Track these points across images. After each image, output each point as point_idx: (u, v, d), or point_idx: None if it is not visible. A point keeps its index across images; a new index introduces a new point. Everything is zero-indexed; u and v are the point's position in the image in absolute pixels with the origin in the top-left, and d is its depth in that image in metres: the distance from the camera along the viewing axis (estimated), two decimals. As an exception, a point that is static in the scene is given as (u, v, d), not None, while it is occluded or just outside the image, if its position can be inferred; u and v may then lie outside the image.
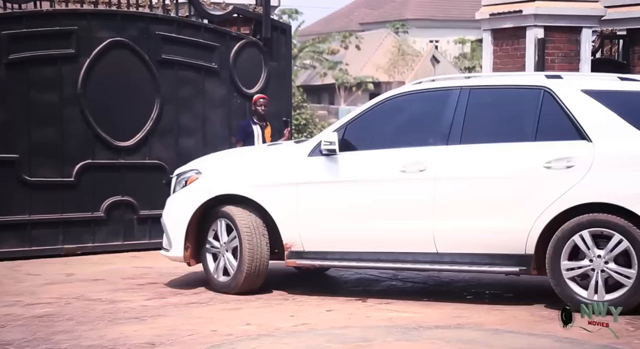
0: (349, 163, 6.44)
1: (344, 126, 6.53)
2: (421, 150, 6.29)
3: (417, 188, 6.23)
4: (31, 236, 8.60)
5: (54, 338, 5.38)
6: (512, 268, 6.06)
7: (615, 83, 6.29)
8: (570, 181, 5.87)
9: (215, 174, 6.91)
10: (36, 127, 8.64)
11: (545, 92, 6.12)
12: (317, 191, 6.49)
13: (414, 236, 6.26)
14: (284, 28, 10.30)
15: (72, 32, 8.76)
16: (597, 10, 10.31)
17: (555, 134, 6.05)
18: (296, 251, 6.57)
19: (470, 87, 6.41)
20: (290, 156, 6.75)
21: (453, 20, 45.21)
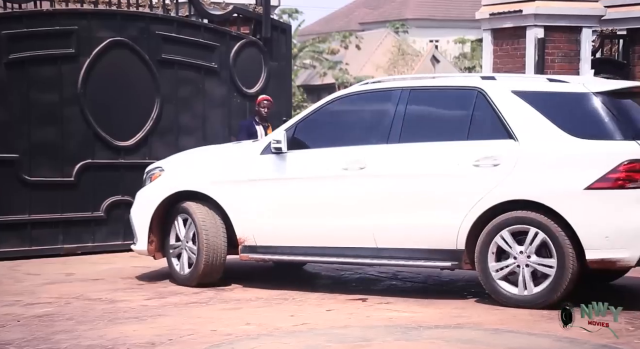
0: (296, 161, 6.73)
1: (294, 125, 6.84)
2: (362, 148, 6.56)
3: (358, 185, 6.49)
4: (31, 235, 8.61)
5: (53, 338, 5.38)
6: (445, 262, 6.32)
7: (543, 84, 6.49)
8: (495, 179, 6.11)
9: (176, 171, 7.25)
10: (36, 127, 8.64)
11: (478, 93, 6.35)
12: (267, 187, 6.80)
13: (355, 232, 6.51)
14: (284, 28, 10.31)
15: (72, 32, 8.76)
16: (597, 10, 10.31)
17: (486, 133, 6.27)
18: (249, 246, 6.87)
19: (410, 88, 6.66)
20: (244, 154, 7.06)
21: (453, 20, 45.21)
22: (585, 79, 7.27)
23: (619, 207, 5.87)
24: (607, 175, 5.87)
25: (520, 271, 6.06)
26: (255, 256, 6.92)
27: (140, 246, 7.24)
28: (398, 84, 6.86)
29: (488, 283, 6.17)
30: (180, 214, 7.01)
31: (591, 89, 6.16)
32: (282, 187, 6.76)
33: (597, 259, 5.93)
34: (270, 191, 6.78)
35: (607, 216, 5.88)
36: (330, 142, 6.76)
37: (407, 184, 6.38)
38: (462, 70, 37.40)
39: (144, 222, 7.15)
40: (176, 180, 7.14)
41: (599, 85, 6.32)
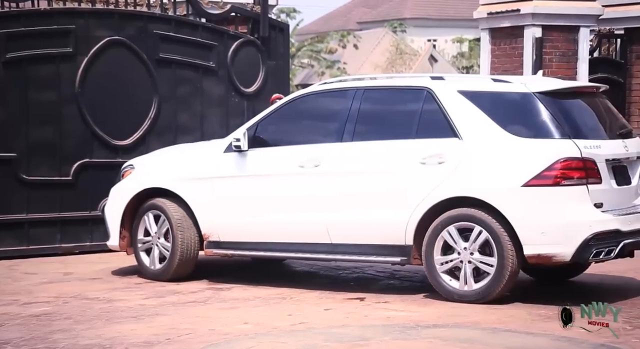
0: (256, 159, 6.91)
1: (255, 124, 7.02)
2: (318, 147, 6.74)
3: (312, 182, 6.67)
4: (29, 235, 8.60)
5: (51, 337, 5.38)
6: (395, 257, 6.48)
7: (488, 84, 6.64)
8: (440, 176, 6.28)
9: (145, 169, 7.48)
10: (34, 126, 8.63)
11: (427, 93, 6.52)
12: (229, 184, 6.98)
13: (311, 228, 6.68)
14: (282, 27, 10.30)
15: (70, 31, 8.75)
16: (595, 10, 10.31)
17: (434, 131, 6.43)
18: (214, 241, 7.07)
19: (364, 87, 6.84)
20: (209, 152, 7.26)
21: (451, 19, 45.23)
22: (529, 78, 7.43)
23: (555, 204, 6.04)
24: (542, 172, 6.04)
25: (463, 266, 6.22)
26: (219, 252, 7.09)
27: (113, 242, 7.45)
28: (353, 84, 7.02)
29: (432, 276, 6.34)
30: (151, 210, 7.20)
31: (532, 89, 6.33)
32: (242, 184, 6.94)
33: (535, 255, 6.09)
34: (231, 188, 6.97)
35: (543, 212, 6.04)
36: (290, 141, 6.95)
37: (358, 182, 6.55)
38: (460, 69, 37.43)
39: (116, 218, 7.36)
40: (145, 177, 7.35)
41: (541, 85, 6.47)
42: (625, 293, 6.64)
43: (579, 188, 6.07)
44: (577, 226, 6.01)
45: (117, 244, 7.42)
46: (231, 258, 7.49)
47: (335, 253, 6.71)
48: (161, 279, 7.17)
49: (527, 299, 6.38)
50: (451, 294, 6.28)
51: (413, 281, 7.39)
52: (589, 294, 6.60)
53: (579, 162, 6.07)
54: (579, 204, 6.05)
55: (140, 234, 7.31)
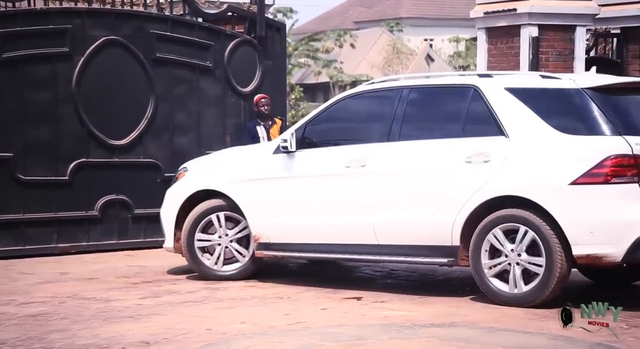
0: (304, 160, 6.88)
1: (304, 125, 6.98)
2: (364, 147, 6.69)
3: (359, 182, 6.61)
4: (25, 234, 8.59)
5: (48, 337, 5.37)
6: (442, 259, 6.37)
7: (536, 80, 6.56)
8: (486, 175, 6.16)
9: (197, 171, 7.45)
10: (30, 126, 8.62)
11: (474, 91, 6.42)
12: (277, 186, 6.95)
13: (357, 228, 6.61)
14: (279, 26, 10.30)
15: (66, 31, 8.74)
16: (591, 9, 10.32)
17: (480, 130, 6.33)
18: (264, 243, 7.00)
19: (411, 87, 6.79)
20: (259, 153, 7.26)
21: (447, 18, 45.25)
22: (578, 75, 7.30)
23: (604, 202, 5.88)
24: (591, 170, 5.88)
25: (512, 269, 6.09)
26: (269, 253, 7.02)
27: (168, 244, 7.40)
28: (399, 83, 6.96)
29: (481, 279, 6.23)
30: (221, 211, 7.14)
31: (581, 85, 6.19)
32: (290, 185, 6.89)
33: (584, 255, 5.93)
34: (279, 189, 6.92)
35: (592, 211, 5.89)
36: (336, 141, 6.92)
37: (404, 181, 6.45)
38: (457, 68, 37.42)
39: (170, 220, 7.32)
40: (198, 179, 7.32)
41: (590, 81, 6.32)
42: (622, 292, 6.65)
43: (630, 186, 5.83)
44: (629, 226, 5.80)
45: (172, 246, 7.34)
46: (281, 260, 7.44)
47: (382, 254, 6.60)
48: (237, 278, 7.16)
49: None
50: (501, 298, 6.12)
51: (410, 280, 7.39)
52: (588, 294, 6.59)
53: (631, 160, 5.84)
54: (630, 202, 5.82)
55: (201, 235, 7.20)
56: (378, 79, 7.43)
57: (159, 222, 9.25)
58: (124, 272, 7.77)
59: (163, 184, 9.19)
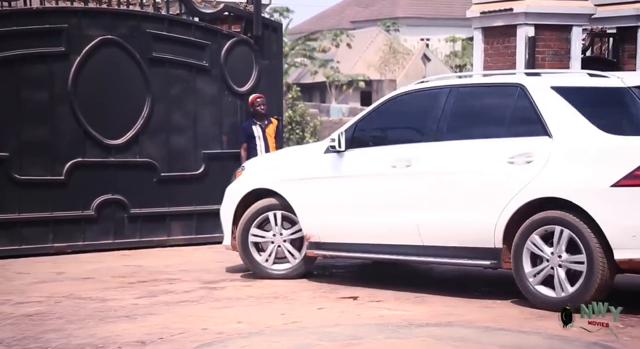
0: (352, 159, 6.86)
1: (354, 124, 6.97)
2: (410, 146, 6.64)
3: (404, 182, 6.57)
4: (21, 234, 8.58)
5: (43, 337, 5.37)
6: (485, 261, 6.27)
7: (583, 79, 6.42)
8: (528, 176, 6.04)
9: (253, 170, 7.52)
10: (26, 126, 8.61)
11: (520, 89, 6.30)
12: (326, 185, 6.96)
13: (403, 229, 6.57)
14: (275, 26, 10.29)
15: (63, 30, 8.73)
16: (587, 9, 10.33)
17: (524, 129, 6.23)
18: (315, 242, 7.00)
19: (458, 86, 6.75)
20: (310, 153, 7.30)
21: (444, 18, 45.27)
22: (625, 73, 6.86)
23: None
24: (634, 172, 5.68)
25: (555, 272, 5.91)
26: (319, 253, 7.04)
27: (226, 241, 7.44)
28: (447, 82, 6.89)
29: (525, 288, 6.04)
30: (275, 210, 7.18)
31: (628, 84, 5.97)
32: (337, 185, 6.90)
33: (626, 260, 5.73)
34: (327, 189, 6.94)
35: (635, 214, 5.67)
36: (384, 141, 6.93)
37: (447, 181, 6.39)
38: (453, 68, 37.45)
39: (228, 218, 7.38)
40: (253, 178, 7.37)
41: (638, 79, 6.08)
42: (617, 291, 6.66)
43: None
44: None
45: (229, 244, 7.40)
46: (331, 259, 7.45)
47: (427, 256, 6.55)
48: (285, 277, 7.18)
49: (519, 298, 6.39)
50: (548, 304, 5.92)
51: (406, 279, 7.39)
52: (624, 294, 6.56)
53: None
54: None
55: (257, 232, 7.22)
56: (428, 78, 7.36)
57: (154, 222, 9.28)
58: (120, 272, 7.77)
59: (159, 184, 9.22)
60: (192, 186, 9.37)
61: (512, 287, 6.69)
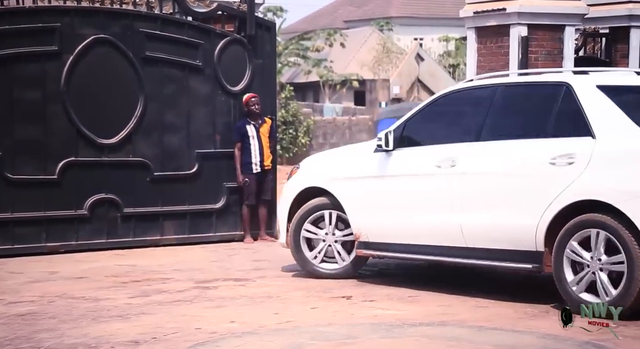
0: (398, 159, 6.83)
1: (402, 123, 6.92)
2: (454, 146, 6.56)
3: (448, 183, 6.49)
4: (14, 234, 8.55)
5: (36, 337, 5.35)
6: (527, 264, 6.10)
7: (630, 78, 6.32)
8: (568, 178, 5.89)
9: (307, 168, 7.57)
10: (19, 125, 8.59)
11: (565, 88, 6.15)
12: (373, 184, 6.94)
13: (446, 230, 6.49)
14: (269, 25, 10.28)
15: (55, 29, 8.71)
16: (580, 9, 10.35)
17: (568, 129, 6.07)
18: (364, 242, 6.98)
19: (503, 85, 6.60)
20: (360, 152, 7.27)
21: (437, 18, 45.33)
22: None
23: None
24: None
25: (597, 277, 5.74)
26: (368, 252, 7.01)
27: (282, 239, 7.46)
28: (493, 80, 6.79)
29: (570, 298, 5.84)
30: (326, 210, 7.18)
31: None
32: (384, 184, 6.88)
33: None
34: (375, 188, 6.91)
35: None
36: (431, 140, 6.83)
37: (489, 182, 6.28)
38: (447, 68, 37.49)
39: (283, 215, 7.42)
40: (306, 177, 7.41)
41: None
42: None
43: None
44: None
45: (285, 242, 7.39)
46: (381, 259, 7.41)
47: (470, 258, 6.41)
48: (333, 277, 7.17)
49: (513, 298, 6.40)
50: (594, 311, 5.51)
51: (400, 279, 7.40)
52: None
53: None
54: None
55: (312, 229, 7.25)
56: (478, 76, 7.22)
57: (147, 222, 9.27)
58: (113, 271, 7.75)
59: (152, 183, 9.20)
60: (185, 185, 9.36)
61: (503, 287, 6.71)
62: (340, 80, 36.14)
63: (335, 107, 33.51)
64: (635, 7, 11.13)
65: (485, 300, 6.38)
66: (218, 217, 9.50)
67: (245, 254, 8.81)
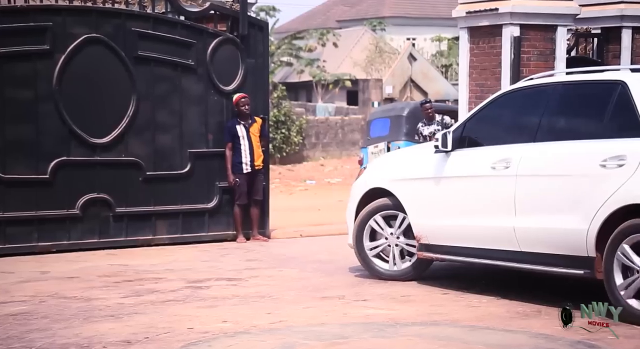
0: (456, 160, 6.72)
1: (462, 124, 6.83)
2: (509, 147, 6.41)
3: (501, 185, 6.35)
4: (5, 233, 8.53)
5: (28, 336, 5.34)
6: (578, 270, 5.92)
7: None
8: (618, 181, 5.70)
9: (372, 169, 7.57)
10: (11, 124, 8.56)
11: (621, 87, 5.94)
12: (432, 186, 6.85)
13: (500, 233, 6.35)
14: (261, 25, 10.28)
15: (47, 28, 8.68)
16: (572, 9, 10.38)
17: (621, 130, 5.91)
18: (425, 244, 6.88)
19: (559, 84, 6.44)
20: (422, 152, 7.19)
21: (430, 18, 45.39)
22: None
23: None
24: None
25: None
26: (429, 255, 6.87)
27: (349, 240, 7.36)
28: (551, 79, 6.62)
29: (615, 299, 5.66)
30: (381, 211, 7.11)
31: None
32: (442, 186, 6.78)
33: None
34: (433, 189, 6.82)
35: None
36: (487, 141, 6.70)
37: (541, 185, 6.14)
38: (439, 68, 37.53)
39: (351, 217, 7.35)
40: (371, 177, 7.34)
41: None
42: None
43: None
44: None
45: (352, 243, 7.31)
46: (442, 262, 7.24)
47: (523, 262, 6.22)
48: (402, 279, 7.06)
49: (505, 297, 6.41)
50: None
51: (392, 279, 7.39)
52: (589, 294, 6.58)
53: None
54: None
55: (366, 239, 7.20)
56: (537, 75, 6.93)
57: (140, 221, 9.24)
58: (106, 271, 7.73)
59: (145, 183, 9.19)
60: (177, 185, 9.34)
61: (496, 287, 6.71)
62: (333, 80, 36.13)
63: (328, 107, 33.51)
64: (627, 7, 11.17)
65: (477, 300, 6.39)
66: (210, 216, 9.49)
67: (238, 253, 8.80)
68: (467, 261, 6.77)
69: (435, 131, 11.30)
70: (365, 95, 33.36)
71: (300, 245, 9.52)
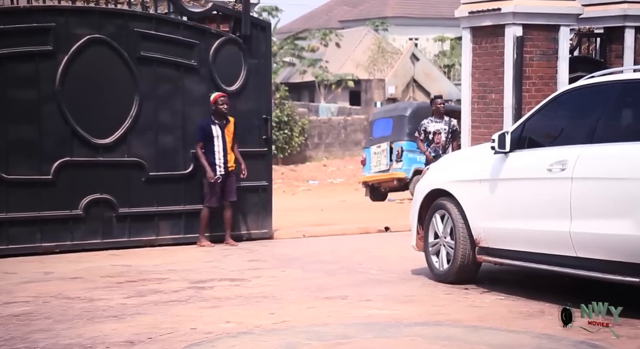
0: (513, 161, 6.54)
1: (521, 124, 6.64)
2: (566, 149, 6.20)
3: (557, 188, 6.15)
4: (8, 234, 8.54)
5: (31, 337, 5.34)
6: (633, 278, 5.67)
7: None
8: None
9: (434, 169, 7.51)
10: (14, 125, 8.57)
11: None
12: (490, 187, 6.70)
13: (557, 238, 6.15)
14: (264, 25, 10.28)
15: (50, 29, 8.70)
16: (575, 9, 10.38)
17: None
18: (484, 247, 6.73)
19: (620, 82, 6.23)
20: (481, 153, 6.99)
21: (432, 18, 45.39)
22: None
23: None
24: None
25: None
26: (488, 259, 6.71)
27: (412, 241, 7.34)
28: (612, 77, 6.36)
29: None
30: (438, 210, 7.06)
31: None
32: (499, 188, 6.62)
33: None
34: (490, 192, 6.67)
35: None
36: (545, 142, 6.53)
37: (595, 189, 5.93)
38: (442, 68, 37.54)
39: (414, 217, 7.32)
40: (433, 178, 7.31)
41: None
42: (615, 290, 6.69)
43: None
44: None
45: (414, 244, 7.30)
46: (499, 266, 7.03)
47: (580, 268, 6.00)
48: (444, 280, 6.95)
49: (508, 297, 6.41)
50: None
51: (394, 279, 7.40)
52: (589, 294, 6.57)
53: None
54: None
55: (430, 237, 7.14)
56: (598, 73, 6.64)
57: (142, 222, 9.24)
58: (109, 271, 7.74)
59: (147, 183, 9.20)
60: (180, 185, 9.35)
61: (498, 287, 6.70)
62: (336, 80, 36.13)
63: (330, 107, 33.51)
64: (630, 7, 11.17)
65: (479, 300, 6.38)
66: (213, 217, 9.49)
67: (241, 254, 8.81)
68: (526, 266, 6.52)
69: (442, 130, 11.13)
70: (368, 95, 33.36)
71: (303, 245, 9.53)
